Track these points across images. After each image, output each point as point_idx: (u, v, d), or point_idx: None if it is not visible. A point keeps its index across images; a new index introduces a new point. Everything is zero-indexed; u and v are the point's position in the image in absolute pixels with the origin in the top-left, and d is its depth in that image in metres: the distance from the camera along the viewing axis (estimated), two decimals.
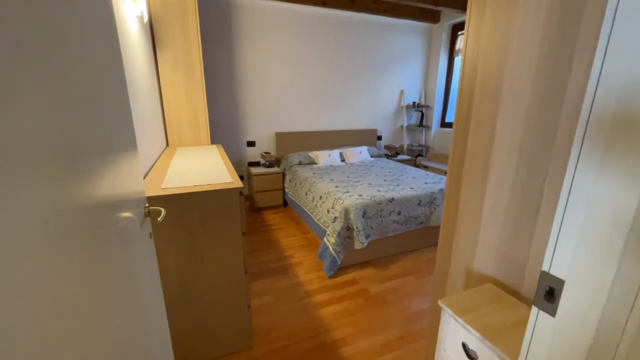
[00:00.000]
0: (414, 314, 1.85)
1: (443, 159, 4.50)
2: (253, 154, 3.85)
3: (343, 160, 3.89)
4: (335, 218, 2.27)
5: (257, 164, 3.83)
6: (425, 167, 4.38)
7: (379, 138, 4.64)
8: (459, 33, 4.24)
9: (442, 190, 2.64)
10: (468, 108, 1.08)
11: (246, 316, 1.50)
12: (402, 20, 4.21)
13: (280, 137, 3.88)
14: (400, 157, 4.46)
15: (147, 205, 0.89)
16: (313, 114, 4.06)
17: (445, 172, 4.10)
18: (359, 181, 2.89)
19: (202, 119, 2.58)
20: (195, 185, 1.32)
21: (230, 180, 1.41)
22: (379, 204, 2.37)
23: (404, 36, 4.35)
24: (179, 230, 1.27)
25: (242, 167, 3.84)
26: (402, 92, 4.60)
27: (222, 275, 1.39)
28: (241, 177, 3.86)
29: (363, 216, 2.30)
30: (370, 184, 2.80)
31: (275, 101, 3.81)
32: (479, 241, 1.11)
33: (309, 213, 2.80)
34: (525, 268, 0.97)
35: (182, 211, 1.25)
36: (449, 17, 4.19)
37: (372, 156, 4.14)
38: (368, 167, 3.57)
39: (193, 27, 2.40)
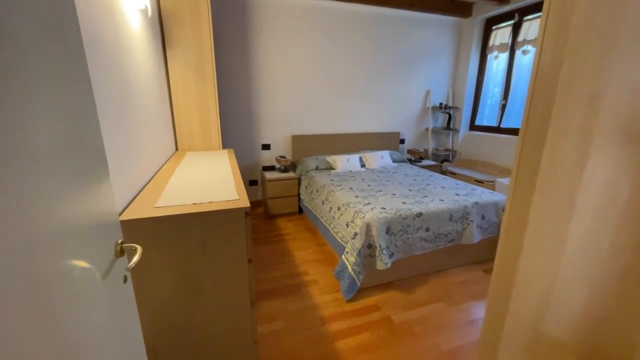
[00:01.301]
0: (448, 353, 1.58)
1: (471, 164, 4.15)
2: (268, 157, 3.66)
3: (363, 165, 3.64)
4: (356, 234, 2.03)
5: (272, 168, 3.65)
6: (452, 174, 4.04)
7: (402, 142, 4.34)
8: (494, 28, 3.88)
9: (476, 203, 2.34)
10: (544, 115, 0.81)
11: (252, 354, 1.30)
12: (430, 14, 3.89)
13: (297, 140, 3.67)
14: (424, 162, 4.14)
15: (120, 241, 0.70)
16: (332, 115, 3.83)
17: (476, 181, 3.78)
18: (380, 190, 2.64)
19: (214, 122, 2.41)
20: (194, 204, 1.13)
21: (236, 197, 1.21)
22: (404, 218, 2.11)
23: (432, 32, 4.03)
24: (175, 257, 1.08)
25: (257, 171, 3.67)
26: (427, 92, 4.28)
27: (225, 309, 1.19)
28: (255, 182, 3.69)
29: (387, 232, 2.04)
30: (394, 194, 2.53)
31: (293, 102, 3.61)
32: (555, 290, 0.84)
33: (326, 225, 2.57)
34: None
35: (179, 235, 1.06)
36: (483, 10, 3.84)
37: (394, 161, 3.86)
38: (390, 173, 3.30)
39: (205, 24, 2.23)
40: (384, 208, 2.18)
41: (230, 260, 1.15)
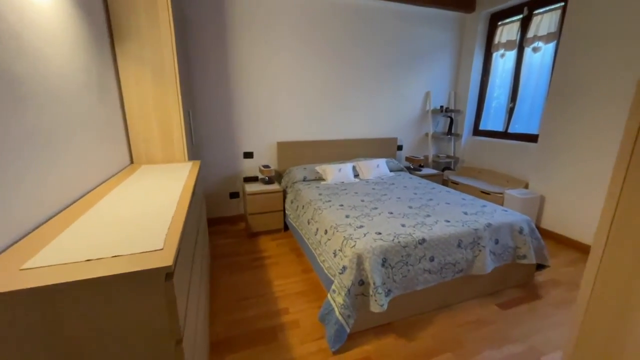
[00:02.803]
0: None
1: (475, 173, 3.79)
2: (250, 167, 3.28)
3: (357, 175, 3.27)
4: (344, 268, 1.65)
5: (254, 179, 3.26)
6: (455, 184, 3.68)
7: (399, 148, 3.98)
8: (500, 23, 3.54)
9: (489, 225, 1.97)
10: None
11: None
12: (430, 9, 3.55)
13: (283, 147, 3.29)
14: (424, 170, 3.78)
15: None
16: (322, 120, 3.46)
17: (482, 192, 3.41)
18: (376, 208, 2.26)
19: (177, 129, 2.02)
20: (88, 261, 0.74)
21: (159, 245, 0.82)
22: (404, 247, 1.73)
23: (432, 29, 3.68)
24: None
25: (238, 182, 3.28)
26: (427, 95, 3.92)
27: None
28: (236, 195, 3.30)
29: (382, 265, 1.66)
30: (391, 212, 2.16)
31: (279, 105, 3.23)
32: None
33: (312, 249, 2.19)
34: None
35: (53, 321, 0.67)
36: (487, 5, 3.50)
37: (391, 170, 3.49)
38: (387, 185, 2.93)
39: (164, 14, 1.85)
40: (379, 233, 1.80)
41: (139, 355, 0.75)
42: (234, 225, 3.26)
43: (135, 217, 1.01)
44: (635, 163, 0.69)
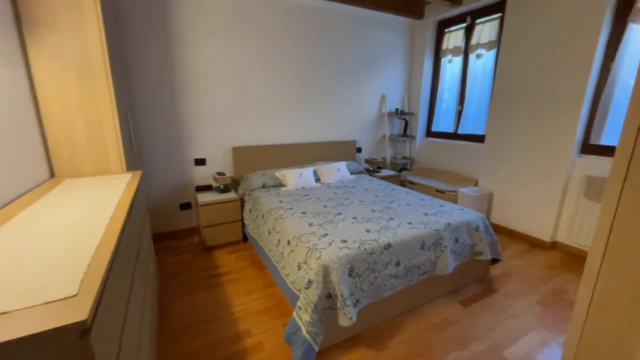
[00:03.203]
0: None
1: (430, 173, 3.95)
2: (203, 175, 3.02)
3: (318, 179, 3.18)
4: (310, 282, 1.54)
5: (208, 187, 3.01)
6: (412, 184, 3.79)
7: (359, 150, 3.99)
8: (446, 31, 3.73)
9: (448, 225, 2.01)
10: None
11: None
12: (383, 13, 3.62)
13: (239, 152, 3.09)
14: (383, 172, 3.84)
15: None
16: (280, 123, 3.32)
17: (437, 191, 3.50)
18: (339, 214, 2.19)
19: (110, 135, 1.75)
20: None
21: (73, 291, 0.63)
22: (370, 254, 1.67)
23: (385, 33, 3.76)
24: None
25: (189, 192, 2.99)
26: (383, 98, 4.00)
27: None
28: (188, 205, 3.01)
29: (350, 275, 1.59)
30: (355, 217, 2.10)
31: (232, 108, 3.02)
32: None
33: (274, 262, 2.04)
34: None
35: None
36: (435, 12, 3.67)
37: (352, 173, 3.47)
38: (349, 188, 2.89)
39: (89, 4, 1.58)
40: (345, 241, 1.73)
41: None
42: (186, 239, 2.97)
43: (43, 251, 0.79)
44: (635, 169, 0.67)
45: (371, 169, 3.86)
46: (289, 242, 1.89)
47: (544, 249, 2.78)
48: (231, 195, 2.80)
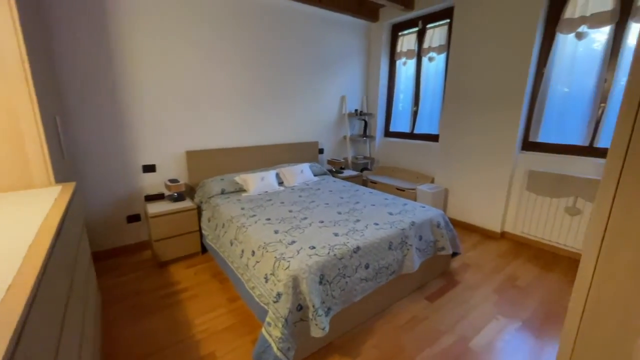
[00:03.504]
0: None
1: (390, 172, 4.07)
2: (153, 182, 2.74)
3: (281, 183, 3.08)
4: (279, 295, 1.45)
5: (160, 196, 2.74)
6: (374, 183, 3.86)
7: (321, 152, 3.96)
8: (400, 34, 3.86)
9: (413, 224, 2.05)
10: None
11: None
12: (340, 15, 3.62)
13: (194, 157, 2.86)
14: (346, 172, 3.85)
15: None
16: (238, 125, 3.15)
17: (397, 189, 3.60)
18: (306, 218, 2.12)
19: (32, 141, 1.47)
20: None
21: None
22: (340, 259, 1.63)
23: (343, 34, 3.78)
24: None
25: (138, 202, 2.69)
26: (343, 99, 4.01)
27: None
28: (137, 217, 2.71)
29: (320, 283, 1.53)
30: (322, 221, 2.05)
31: (185, 110, 2.78)
32: None
33: (238, 275, 1.91)
34: None
35: None
36: (389, 16, 3.77)
37: (315, 175, 3.42)
38: (313, 191, 2.83)
39: None
40: (313, 247, 1.66)
41: None
42: (135, 255, 2.67)
43: None
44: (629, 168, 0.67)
45: (334, 169, 3.86)
46: (253, 252, 1.77)
47: (495, 239, 3.00)
48: (186, 203, 2.58)
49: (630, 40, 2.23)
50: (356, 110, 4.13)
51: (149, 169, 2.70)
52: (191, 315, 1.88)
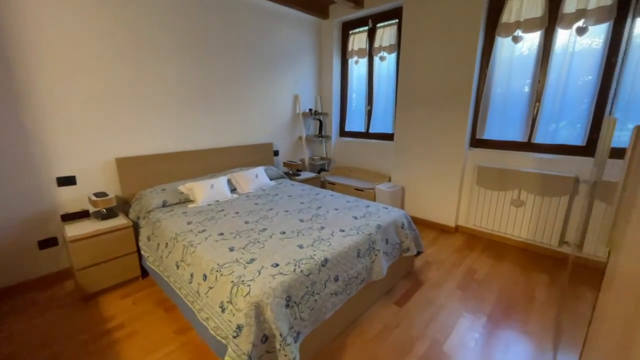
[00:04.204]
0: None
1: (347, 172, 4.02)
2: (73, 197, 2.26)
3: (234, 190, 2.80)
4: (240, 327, 1.23)
5: (83, 214, 2.27)
6: (332, 184, 3.77)
7: (276, 154, 3.75)
8: (351, 32, 3.81)
9: (379, 227, 1.97)
10: None
11: None
12: (290, 9, 3.44)
13: (126, 165, 2.44)
14: (303, 175, 3.69)
15: None
16: (179, 126, 2.78)
17: (356, 190, 3.50)
18: (265, 229, 1.91)
19: None
20: None
21: None
22: (308, 275, 1.46)
23: (293, 30, 3.60)
24: None
25: (53, 224, 2.20)
26: (296, 98, 3.84)
27: None
28: (52, 242, 2.21)
29: (287, 306, 1.34)
30: (284, 232, 1.86)
31: (112, 109, 2.35)
32: None
33: (188, 304, 1.62)
34: None
35: None
36: (339, 13, 3.70)
37: (271, 179, 3.20)
38: (271, 197, 2.62)
39: None
40: (277, 265, 1.47)
41: None
42: (53, 288, 2.18)
43: None
44: None
45: (291, 172, 3.67)
46: (205, 276, 1.51)
47: (450, 234, 3.11)
48: (119, 220, 2.17)
49: (558, 44, 2.44)
50: (310, 109, 3.99)
51: (66, 181, 2.22)
52: (133, 355, 1.55)
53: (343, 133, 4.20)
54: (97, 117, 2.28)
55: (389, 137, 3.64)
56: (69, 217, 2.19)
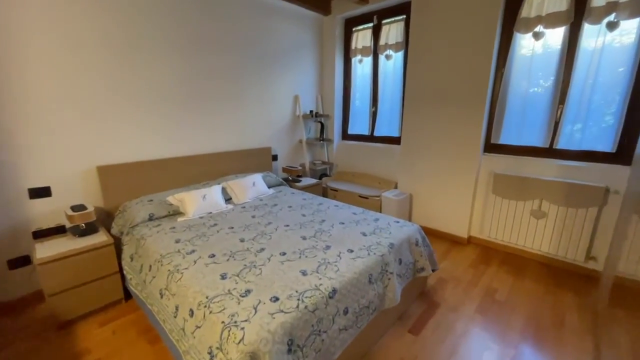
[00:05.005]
0: None
1: (350, 177, 3.79)
2: (48, 211, 2.02)
3: (229, 199, 2.57)
4: None
5: (60, 230, 2.03)
6: (335, 191, 3.54)
7: (275, 158, 3.51)
8: (354, 30, 3.59)
9: (392, 246, 1.75)
10: None
11: None
12: (289, 4, 3.21)
13: (109, 173, 2.20)
14: (304, 181, 3.46)
15: None
16: (170, 129, 2.55)
17: (360, 197, 3.17)
18: (263, 249, 1.68)
19: None
20: None
21: None
22: (314, 311, 1.23)
23: (293, 27, 3.38)
24: None
25: (24, 242, 1.96)
26: (296, 99, 3.61)
27: None
28: (23, 261, 1.97)
29: (289, 351, 1.11)
30: (284, 253, 1.63)
31: (93, 111, 2.11)
32: None
33: (173, 342, 1.39)
34: None
35: None
36: (341, 9, 3.47)
37: (270, 186, 2.96)
38: (269, 208, 2.39)
39: None
40: (276, 299, 1.24)
41: None
42: (25, 313, 1.93)
43: None
44: None
45: (290, 178, 3.44)
46: (192, 311, 1.28)
47: (462, 245, 2.89)
48: (99, 237, 1.93)
49: (585, 42, 2.22)
50: (311, 111, 3.76)
51: (40, 193, 1.98)
52: None
53: (346, 136, 3.97)
54: (76, 120, 2.05)
55: (395, 140, 3.42)
56: (41, 234, 1.95)
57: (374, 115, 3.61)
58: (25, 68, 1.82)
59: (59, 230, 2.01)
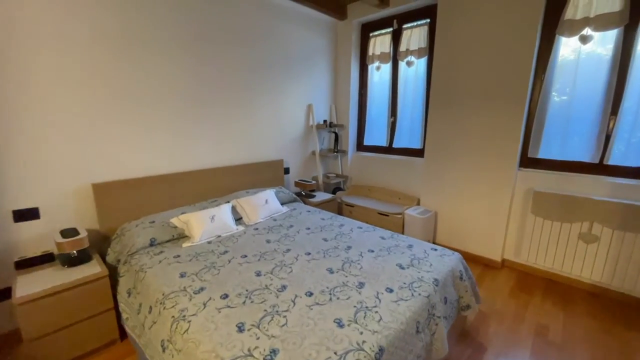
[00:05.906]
0: None
1: (366, 191, 3.53)
2: (35, 236, 1.77)
3: (239, 219, 2.30)
4: None
5: (46, 259, 1.76)
6: (351, 207, 3.28)
7: (286, 171, 3.26)
8: (371, 35, 3.38)
9: (436, 282, 1.47)
10: None
11: None
12: (302, 7, 3.00)
13: (105, 191, 1.95)
14: (318, 196, 3.20)
15: None
16: (175, 141, 2.30)
17: (380, 214, 2.87)
18: (284, 287, 1.41)
19: None
20: None
21: None
22: None
23: (306, 32, 3.16)
24: None
25: (5, 272, 1.69)
26: (309, 108, 3.38)
27: None
28: (4, 294, 1.70)
29: None
30: (311, 293, 1.36)
31: (87, 119, 1.87)
32: None
33: None
34: None
35: None
36: (358, 13, 3.26)
37: (282, 203, 2.70)
38: (285, 230, 2.12)
39: None
40: None
41: None
42: (1, 354, 1.66)
43: None
44: None
45: (303, 193, 3.18)
46: None
47: (496, 270, 2.60)
48: (92, 268, 1.67)
49: None
50: (325, 121, 3.53)
51: (26, 215, 1.72)
52: None
53: (361, 147, 3.72)
54: (68, 132, 1.80)
55: (416, 152, 3.16)
56: (25, 264, 1.67)
57: (392, 126, 3.36)
58: (12, 75, 1.59)
59: (45, 259, 1.74)
